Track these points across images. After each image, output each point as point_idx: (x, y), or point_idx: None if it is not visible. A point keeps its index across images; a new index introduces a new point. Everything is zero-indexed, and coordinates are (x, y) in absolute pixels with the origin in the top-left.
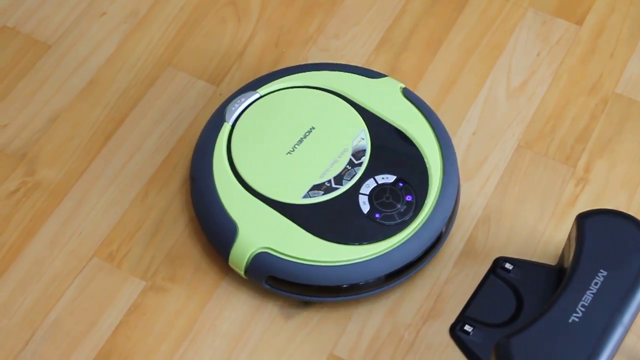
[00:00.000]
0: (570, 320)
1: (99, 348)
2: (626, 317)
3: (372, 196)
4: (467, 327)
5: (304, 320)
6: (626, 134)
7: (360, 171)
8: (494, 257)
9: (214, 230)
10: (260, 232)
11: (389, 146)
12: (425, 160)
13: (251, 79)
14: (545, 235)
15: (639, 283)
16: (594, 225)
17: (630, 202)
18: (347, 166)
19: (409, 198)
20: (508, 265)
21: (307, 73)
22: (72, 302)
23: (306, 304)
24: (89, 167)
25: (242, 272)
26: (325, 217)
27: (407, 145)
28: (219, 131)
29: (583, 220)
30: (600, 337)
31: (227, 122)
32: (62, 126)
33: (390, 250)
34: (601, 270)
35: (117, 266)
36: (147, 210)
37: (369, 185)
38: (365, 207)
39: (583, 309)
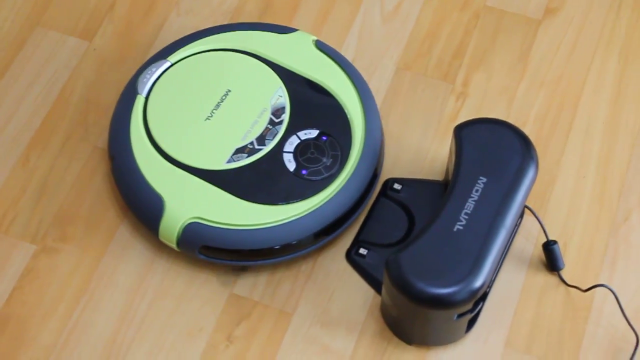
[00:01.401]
0: (455, 229)
1: None
2: (508, 220)
3: (296, 153)
4: (362, 250)
5: (201, 263)
6: (500, 46)
7: (281, 129)
8: (383, 180)
9: (140, 207)
10: (188, 203)
11: (308, 101)
12: (346, 110)
13: (125, 31)
14: (431, 152)
15: (517, 185)
16: (471, 135)
17: (509, 110)
18: (268, 125)
19: (333, 151)
20: (397, 186)
21: (216, 36)
22: None
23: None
24: None
25: (174, 245)
26: (252, 180)
27: (326, 97)
28: (132, 105)
29: (460, 131)
30: (484, 241)
31: (141, 95)
32: None
33: (321, 205)
34: (480, 177)
35: (4, 233)
36: (30, 174)
37: (292, 143)
38: (291, 165)
39: (466, 217)
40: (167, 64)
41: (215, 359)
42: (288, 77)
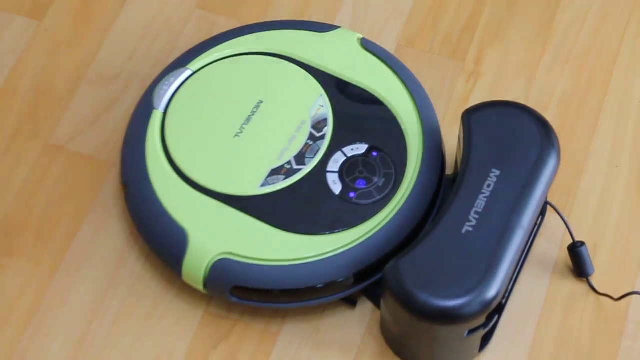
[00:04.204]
0: (463, 231)
1: None
2: (525, 218)
3: (342, 172)
4: None
5: (170, 278)
6: (518, 16)
7: (324, 145)
8: None
9: (159, 243)
10: (217, 236)
11: (355, 110)
12: (399, 120)
13: (80, 8)
14: None
15: (535, 178)
16: (481, 121)
17: (529, 91)
18: (308, 141)
19: (386, 169)
20: None
21: (244, 38)
22: None
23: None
24: None
25: (200, 287)
26: (292, 206)
27: (376, 106)
28: (148, 122)
29: (469, 116)
30: (498, 244)
31: (157, 110)
32: None
33: (374, 234)
34: (493, 170)
35: None
36: None
37: (337, 161)
38: (336, 187)
39: (477, 217)
40: (188, 73)
41: None
42: (330, 83)
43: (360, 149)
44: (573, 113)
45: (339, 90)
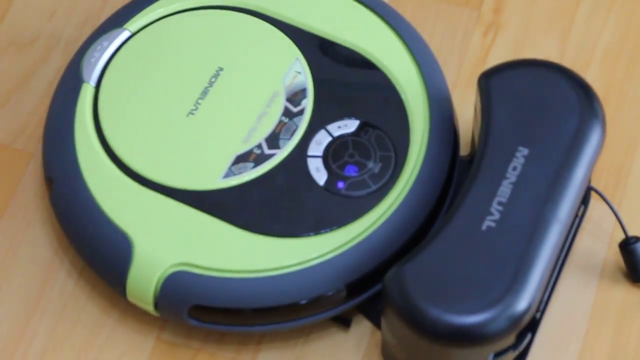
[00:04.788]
0: (484, 227)
1: None
2: (562, 209)
3: (328, 157)
4: None
5: (112, 298)
6: None
7: (303, 123)
8: None
9: (96, 253)
10: (169, 243)
11: (341, 77)
12: (399, 88)
13: None
14: None
15: (574, 158)
16: (504, 86)
17: (564, 46)
18: (283, 118)
19: (383, 151)
20: None
21: None
22: None
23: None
24: None
25: (150, 308)
26: (264, 202)
27: (368, 70)
28: (76, 99)
29: (487, 80)
30: (528, 243)
31: (88, 83)
32: None
33: (370, 234)
34: (520, 149)
35: None
36: None
37: (320, 142)
38: (320, 176)
39: (501, 208)
40: (125, 35)
41: None
42: (308, 42)
43: (349, 126)
44: (621, 74)
45: (320, 51)
